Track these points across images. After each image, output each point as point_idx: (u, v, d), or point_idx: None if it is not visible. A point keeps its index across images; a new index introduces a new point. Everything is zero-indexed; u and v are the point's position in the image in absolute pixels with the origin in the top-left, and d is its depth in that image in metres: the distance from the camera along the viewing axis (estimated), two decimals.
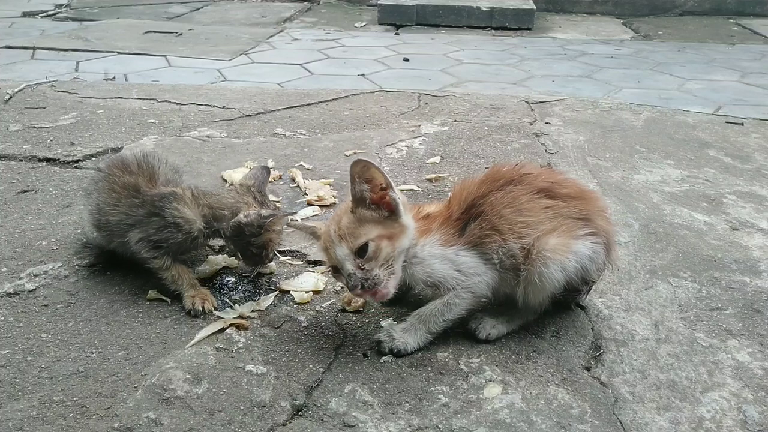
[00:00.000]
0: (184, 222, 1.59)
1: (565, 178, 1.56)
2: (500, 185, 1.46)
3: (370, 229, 1.37)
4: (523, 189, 1.44)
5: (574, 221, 1.45)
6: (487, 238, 1.42)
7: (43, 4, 6.85)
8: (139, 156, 1.73)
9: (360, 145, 2.68)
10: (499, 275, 1.45)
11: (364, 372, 1.40)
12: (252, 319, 1.56)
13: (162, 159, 1.77)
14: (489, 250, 1.42)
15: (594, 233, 1.46)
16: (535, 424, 1.27)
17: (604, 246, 1.48)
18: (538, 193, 1.45)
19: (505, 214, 1.42)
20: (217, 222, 1.62)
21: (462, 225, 1.45)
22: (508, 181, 1.46)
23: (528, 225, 1.41)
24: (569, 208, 1.45)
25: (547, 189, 1.46)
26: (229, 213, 1.62)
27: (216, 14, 6.68)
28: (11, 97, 3.19)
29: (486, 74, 4.44)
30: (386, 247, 1.36)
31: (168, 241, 1.59)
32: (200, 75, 4.21)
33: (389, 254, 1.36)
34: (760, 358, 1.47)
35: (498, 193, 1.44)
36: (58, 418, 1.25)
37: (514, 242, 1.41)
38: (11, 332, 1.49)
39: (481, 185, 1.47)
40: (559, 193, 1.47)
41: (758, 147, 2.83)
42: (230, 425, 1.24)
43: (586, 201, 1.50)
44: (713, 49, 5.37)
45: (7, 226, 1.96)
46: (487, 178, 1.49)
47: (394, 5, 6.25)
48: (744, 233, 2.05)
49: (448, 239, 1.43)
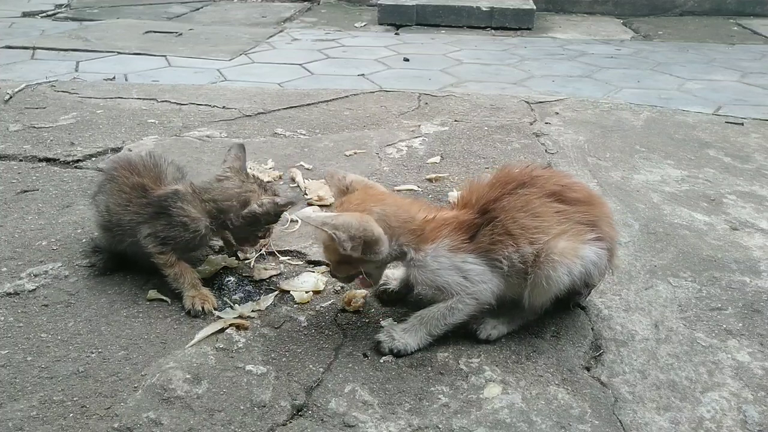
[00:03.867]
0: (190, 221, 1.59)
1: (574, 182, 1.56)
2: (512, 188, 1.44)
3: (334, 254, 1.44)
4: (535, 192, 1.44)
5: (582, 226, 1.45)
6: (500, 243, 1.41)
7: (43, 4, 6.85)
8: (145, 156, 1.74)
9: (360, 145, 2.68)
10: (506, 281, 1.44)
11: (364, 372, 1.40)
12: (252, 319, 1.56)
13: (167, 158, 1.77)
14: (499, 257, 1.42)
15: (600, 238, 1.46)
16: (535, 424, 1.27)
17: (608, 251, 1.49)
18: (550, 197, 1.44)
19: (519, 218, 1.41)
20: (224, 214, 1.60)
21: (473, 230, 1.44)
22: (520, 183, 1.45)
23: (541, 230, 1.41)
24: (579, 214, 1.46)
25: (558, 193, 1.46)
26: (238, 204, 1.60)
27: (216, 14, 6.68)
28: (11, 97, 3.19)
29: (486, 74, 4.44)
30: (344, 269, 1.47)
31: (176, 239, 1.60)
32: (200, 75, 4.21)
33: (349, 271, 1.48)
34: (760, 358, 1.47)
35: (510, 196, 1.43)
36: (58, 418, 1.25)
37: (527, 247, 1.41)
38: (11, 332, 1.49)
39: (492, 188, 1.46)
40: (569, 198, 1.46)
41: (758, 147, 2.83)
42: (230, 425, 1.24)
43: (594, 206, 1.50)
44: (713, 49, 5.37)
45: (7, 226, 1.96)
46: (498, 180, 1.47)
47: (394, 5, 6.25)
48: (744, 233, 2.05)
49: (457, 246, 1.42)
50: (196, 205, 1.60)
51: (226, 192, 1.61)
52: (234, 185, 1.62)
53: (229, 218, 1.60)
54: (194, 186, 1.64)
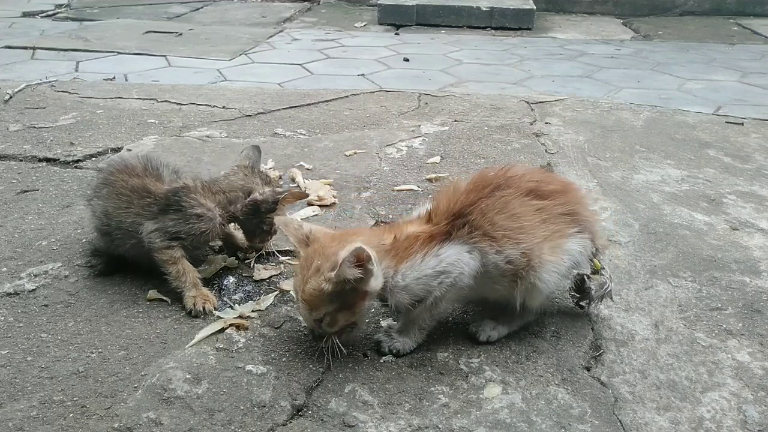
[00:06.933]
0: (206, 211, 1.63)
1: (547, 174, 1.58)
2: (489, 191, 1.43)
3: (331, 302, 1.34)
4: (512, 193, 1.43)
5: (563, 218, 1.46)
6: (478, 239, 1.39)
7: (43, 4, 6.84)
8: (143, 158, 1.76)
9: (360, 145, 2.68)
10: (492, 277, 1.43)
11: (364, 372, 1.40)
12: (252, 319, 1.56)
13: (163, 161, 1.79)
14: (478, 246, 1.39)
15: (581, 228, 1.48)
16: (535, 424, 1.27)
17: (590, 235, 1.51)
18: (528, 195, 1.44)
19: (498, 220, 1.40)
20: (232, 205, 1.69)
21: (446, 236, 1.40)
22: (496, 186, 1.44)
23: (524, 230, 1.40)
24: (558, 206, 1.46)
25: (535, 189, 1.45)
26: (243, 194, 1.70)
27: (216, 14, 6.68)
28: (11, 97, 3.19)
29: (486, 74, 4.43)
30: (343, 317, 1.37)
31: (189, 233, 1.61)
32: (200, 75, 4.21)
33: (347, 320, 1.38)
34: (760, 358, 1.47)
35: (488, 200, 1.41)
36: (58, 418, 1.25)
37: (512, 249, 1.39)
38: (11, 332, 1.49)
39: (468, 194, 1.44)
40: (545, 191, 1.46)
41: (758, 147, 2.83)
42: (230, 425, 1.24)
43: (569, 193, 1.51)
44: (713, 49, 5.37)
45: (7, 226, 1.96)
46: (475, 185, 1.45)
47: (394, 5, 6.25)
48: (744, 233, 2.05)
49: (429, 251, 1.38)
50: (208, 197, 1.66)
51: (232, 183, 1.72)
52: (239, 178, 1.73)
53: (237, 209, 1.69)
54: (202, 181, 1.71)
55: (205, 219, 1.63)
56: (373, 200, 2.20)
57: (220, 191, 1.69)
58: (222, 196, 1.68)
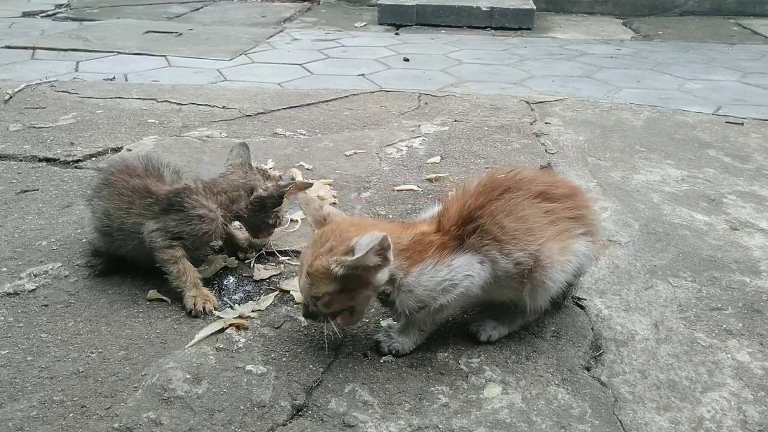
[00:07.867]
0: (208, 212, 1.63)
1: (557, 178, 1.58)
2: (498, 194, 1.43)
3: (335, 283, 1.33)
4: (522, 195, 1.43)
5: (570, 221, 1.47)
6: (488, 246, 1.39)
7: (43, 4, 6.84)
8: (144, 158, 1.76)
9: (360, 145, 2.68)
10: (502, 283, 1.43)
11: (364, 372, 1.40)
12: (252, 319, 1.56)
13: (163, 161, 1.79)
14: (488, 255, 1.39)
15: (587, 231, 1.49)
16: (535, 424, 1.27)
17: (593, 238, 1.53)
18: (537, 198, 1.44)
19: (507, 223, 1.40)
20: (235, 204, 1.69)
21: (459, 243, 1.40)
22: (506, 189, 1.44)
23: (532, 232, 1.41)
24: (566, 210, 1.46)
25: (544, 192, 1.46)
26: (245, 192, 1.70)
27: (216, 14, 6.68)
28: (11, 97, 3.19)
29: (486, 74, 4.44)
30: (340, 301, 1.36)
31: (191, 234, 1.61)
32: (200, 75, 4.21)
33: (343, 304, 1.37)
34: (760, 358, 1.47)
35: (497, 202, 1.41)
36: (58, 418, 1.25)
37: (521, 251, 1.39)
38: (11, 332, 1.49)
39: (478, 196, 1.43)
40: (555, 195, 1.47)
41: (758, 147, 2.83)
42: (230, 425, 1.24)
43: (576, 197, 1.52)
44: (713, 49, 5.37)
45: (7, 226, 1.96)
46: (484, 188, 1.45)
47: (394, 5, 6.25)
48: (744, 233, 2.05)
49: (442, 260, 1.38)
50: (210, 198, 1.66)
51: (233, 183, 1.71)
52: (239, 177, 1.73)
53: (240, 208, 1.69)
54: (203, 182, 1.70)
55: (207, 220, 1.63)
56: (373, 200, 2.20)
57: (221, 191, 1.69)
58: (224, 196, 1.68)
